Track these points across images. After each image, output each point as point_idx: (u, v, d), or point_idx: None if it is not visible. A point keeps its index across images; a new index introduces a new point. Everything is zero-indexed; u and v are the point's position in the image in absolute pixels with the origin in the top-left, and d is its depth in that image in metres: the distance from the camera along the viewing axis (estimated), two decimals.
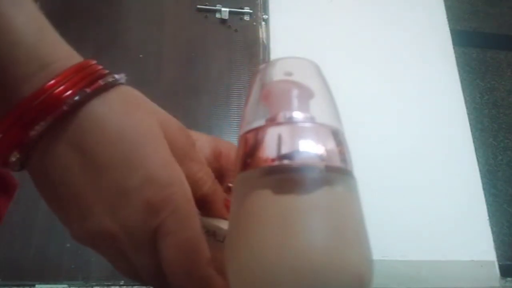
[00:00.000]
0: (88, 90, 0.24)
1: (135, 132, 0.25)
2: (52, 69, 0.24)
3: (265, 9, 1.70)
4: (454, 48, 1.70)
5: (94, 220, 0.24)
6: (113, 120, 0.24)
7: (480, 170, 1.50)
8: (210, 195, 0.28)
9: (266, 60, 1.59)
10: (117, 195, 0.24)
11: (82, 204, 0.24)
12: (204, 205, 0.28)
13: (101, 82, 0.24)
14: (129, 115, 0.25)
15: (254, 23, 1.69)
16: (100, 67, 0.25)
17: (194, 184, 0.27)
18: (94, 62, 0.25)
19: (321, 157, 0.23)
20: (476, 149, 1.54)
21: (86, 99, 0.24)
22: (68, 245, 1.27)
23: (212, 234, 0.28)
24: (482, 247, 1.38)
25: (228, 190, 0.31)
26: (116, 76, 0.25)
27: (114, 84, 0.25)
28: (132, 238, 0.25)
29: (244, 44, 1.66)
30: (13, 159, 0.24)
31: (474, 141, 1.55)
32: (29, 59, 0.23)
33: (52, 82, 0.23)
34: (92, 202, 0.24)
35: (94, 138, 0.24)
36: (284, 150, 0.23)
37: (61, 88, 0.23)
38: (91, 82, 0.24)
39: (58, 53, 0.25)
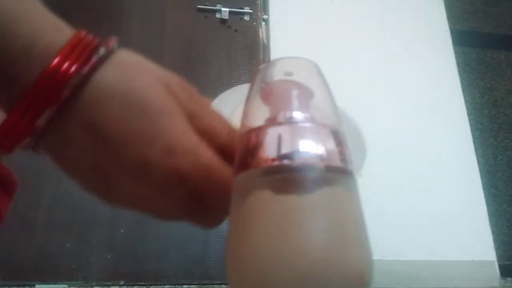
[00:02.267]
0: (84, 70, 0.23)
1: (146, 104, 0.24)
2: (43, 49, 0.22)
3: (265, 9, 1.70)
4: (454, 48, 1.70)
5: (124, 192, 0.25)
6: (119, 93, 0.24)
7: (480, 170, 1.50)
8: (229, 144, 0.28)
9: (266, 60, 1.59)
10: (141, 167, 0.24)
11: (107, 178, 0.25)
12: (224, 155, 0.28)
13: (94, 58, 0.23)
14: (133, 85, 0.24)
15: (254, 23, 1.69)
16: (91, 37, 0.24)
17: (211, 136, 0.27)
18: (84, 33, 0.24)
19: (321, 157, 0.23)
20: (476, 149, 1.54)
21: (85, 80, 0.23)
22: (68, 245, 1.27)
23: None
24: (482, 247, 1.38)
25: None
26: (109, 44, 0.24)
27: (109, 55, 0.24)
28: (163, 198, 0.26)
29: (244, 44, 1.66)
30: (24, 143, 0.24)
31: (474, 141, 1.55)
32: (10, 39, 0.22)
33: (52, 64, 0.22)
34: (116, 176, 0.24)
35: (103, 115, 0.23)
36: (284, 150, 0.23)
37: (59, 72, 0.22)
38: (86, 59, 0.23)
39: (43, 27, 0.23)
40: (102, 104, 0.23)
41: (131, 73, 0.24)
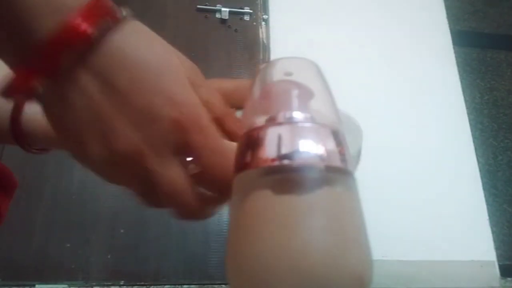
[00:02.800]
0: (109, 21, 0.25)
1: (156, 59, 0.27)
2: (67, 7, 0.24)
3: (265, 9, 1.70)
4: (454, 48, 1.70)
5: (119, 138, 0.26)
6: (133, 47, 0.26)
7: (480, 170, 1.50)
8: (222, 116, 0.30)
9: (266, 60, 1.59)
10: (142, 115, 0.26)
11: (106, 125, 0.26)
12: (217, 127, 0.29)
13: (118, 14, 0.26)
14: (146, 43, 0.27)
15: (254, 23, 1.69)
16: (111, 2, 0.26)
17: (206, 107, 0.28)
18: None
19: (321, 157, 0.23)
20: (476, 149, 1.54)
21: (107, 32, 0.25)
22: (68, 245, 1.27)
23: None
24: (482, 247, 1.38)
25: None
26: (125, 8, 0.27)
27: (127, 17, 0.26)
28: (158, 152, 0.27)
29: (244, 44, 1.66)
30: (36, 87, 0.25)
31: (474, 141, 1.55)
32: None
33: (76, 18, 0.24)
34: (115, 122, 0.26)
35: (117, 65, 0.25)
36: (284, 150, 0.23)
37: (85, 23, 0.24)
38: (112, 13, 0.25)
39: None
40: (117, 56, 0.25)
41: (144, 34, 0.27)
